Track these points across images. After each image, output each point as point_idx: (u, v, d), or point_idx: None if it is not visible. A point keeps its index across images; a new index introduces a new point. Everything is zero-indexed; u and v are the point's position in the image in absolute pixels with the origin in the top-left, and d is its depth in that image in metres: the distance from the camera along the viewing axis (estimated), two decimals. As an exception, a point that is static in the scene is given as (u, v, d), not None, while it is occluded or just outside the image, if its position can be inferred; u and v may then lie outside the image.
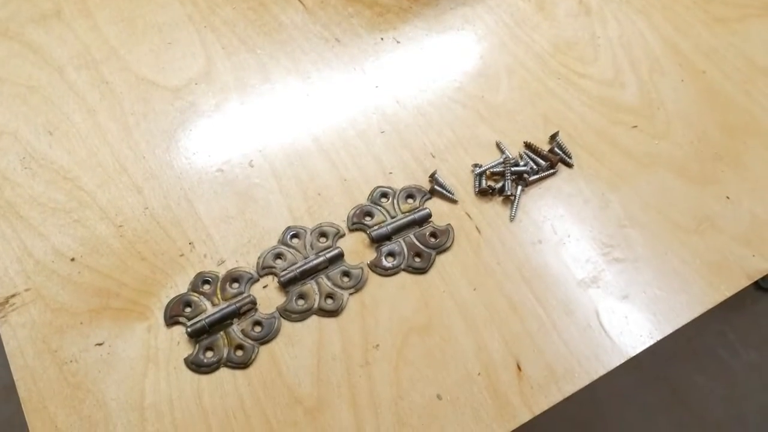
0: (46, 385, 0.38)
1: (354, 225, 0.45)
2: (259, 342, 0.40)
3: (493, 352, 0.40)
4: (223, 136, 0.49)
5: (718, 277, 0.43)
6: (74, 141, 0.48)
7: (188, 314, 0.41)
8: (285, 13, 0.56)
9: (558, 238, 0.45)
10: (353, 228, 0.44)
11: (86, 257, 0.43)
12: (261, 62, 0.53)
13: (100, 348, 0.40)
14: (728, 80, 0.52)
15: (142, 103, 0.50)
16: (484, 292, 0.42)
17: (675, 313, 0.42)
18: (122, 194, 0.45)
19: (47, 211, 0.44)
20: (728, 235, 0.45)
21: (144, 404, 0.38)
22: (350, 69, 0.53)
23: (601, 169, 0.48)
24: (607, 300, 0.42)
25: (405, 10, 0.56)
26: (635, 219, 0.46)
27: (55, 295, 0.41)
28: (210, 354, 0.39)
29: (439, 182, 0.46)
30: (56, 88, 0.50)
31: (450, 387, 0.39)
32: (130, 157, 0.47)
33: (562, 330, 0.41)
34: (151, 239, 0.44)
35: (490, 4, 0.57)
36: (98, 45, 0.53)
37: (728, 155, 0.49)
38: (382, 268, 0.43)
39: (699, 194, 0.47)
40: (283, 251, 0.43)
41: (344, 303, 0.41)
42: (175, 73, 0.52)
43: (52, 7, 0.55)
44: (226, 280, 0.42)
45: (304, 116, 0.50)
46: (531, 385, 0.39)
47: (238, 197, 0.46)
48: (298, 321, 0.41)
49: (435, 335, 0.41)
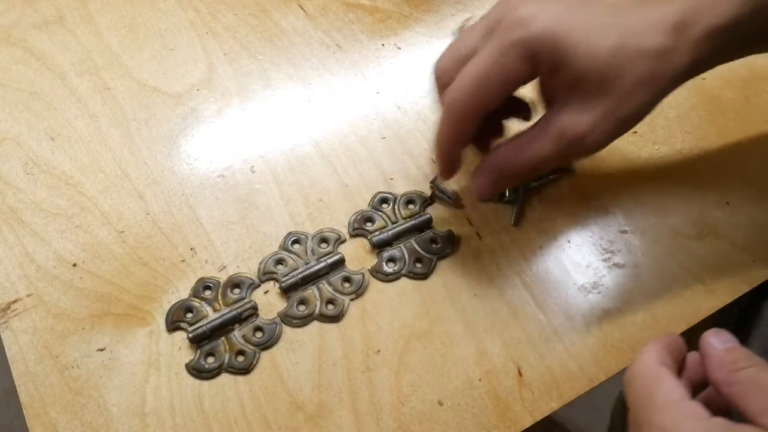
0: (47, 390, 0.38)
1: (355, 231, 0.45)
2: (261, 348, 0.40)
3: (494, 357, 0.40)
4: (225, 141, 0.49)
5: (719, 283, 0.43)
6: (76, 147, 0.48)
7: (189, 320, 0.41)
8: (286, 19, 0.56)
9: (558, 244, 0.45)
10: (354, 234, 0.45)
11: (88, 263, 0.43)
12: (262, 68, 0.53)
13: (101, 353, 0.40)
14: (728, 86, 0.53)
15: (143, 108, 0.50)
16: (485, 298, 0.42)
17: (675, 320, 0.42)
18: (124, 200, 0.46)
19: (49, 216, 0.45)
20: (728, 240, 0.45)
21: (145, 410, 0.38)
22: (351, 75, 0.53)
23: (602, 175, 0.48)
24: (607, 305, 0.42)
25: (406, 16, 0.57)
26: (636, 225, 0.46)
27: (56, 300, 0.41)
28: (211, 359, 0.40)
29: (440, 188, 0.46)
30: (58, 94, 0.51)
31: (451, 393, 0.39)
32: (132, 162, 0.47)
33: (562, 336, 0.41)
34: (152, 245, 0.44)
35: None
36: (100, 51, 0.53)
37: (728, 161, 0.49)
38: (382, 273, 0.43)
39: (699, 200, 0.47)
40: (285, 257, 0.43)
41: (345, 308, 0.42)
42: (176, 79, 0.52)
43: (55, 14, 0.55)
44: (228, 285, 0.42)
45: (306, 122, 0.50)
46: (532, 390, 0.39)
47: (239, 203, 0.46)
48: (299, 326, 0.41)
49: (436, 341, 0.41)
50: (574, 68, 0.35)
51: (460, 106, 0.37)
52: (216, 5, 0.56)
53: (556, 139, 0.37)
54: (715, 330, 0.31)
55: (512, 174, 0.39)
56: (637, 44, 0.35)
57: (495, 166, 0.39)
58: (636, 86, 0.35)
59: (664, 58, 0.35)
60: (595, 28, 0.35)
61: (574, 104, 0.36)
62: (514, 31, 0.35)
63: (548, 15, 0.35)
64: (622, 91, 0.35)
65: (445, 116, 0.38)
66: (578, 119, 0.36)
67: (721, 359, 0.30)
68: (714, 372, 0.30)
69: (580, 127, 0.36)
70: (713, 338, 0.31)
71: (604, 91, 0.35)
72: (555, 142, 0.37)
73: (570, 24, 0.35)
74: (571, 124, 0.36)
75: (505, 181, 0.40)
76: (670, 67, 0.36)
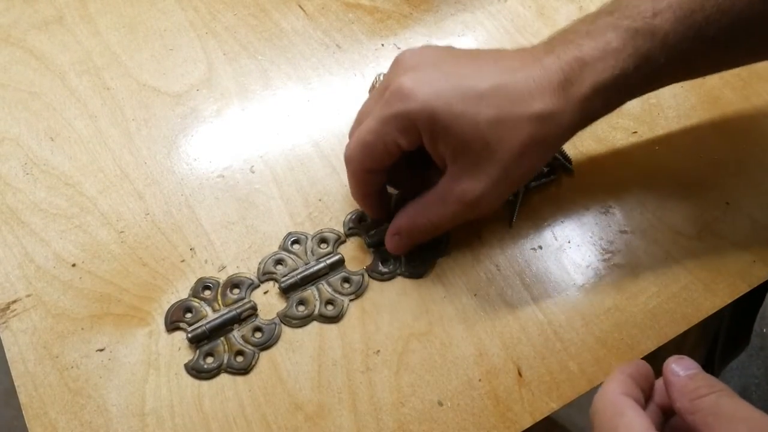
0: (47, 391, 0.38)
1: (350, 231, 0.45)
2: (260, 348, 0.40)
3: (494, 357, 0.40)
4: (225, 141, 0.49)
5: (719, 283, 0.43)
6: (76, 147, 0.48)
7: (189, 320, 0.41)
8: (286, 19, 0.56)
9: (558, 244, 0.45)
10: (349, 233, 0.45)
11: (87, 263, 0.43)
12: (262, 68, 0.53)
13: (101, 354, 0.40)
14: (728, 86, 0.53)
15: (143, 108, 0.50)
16: (485, 298, 0.42)
17: (675, 320, 0.42)
18: (123, 200, 0.46)
19: (49, 216, 0.45)
20: (728, 240, 0.45)
21: (145, 410, 0.38)
22: (351, 75, 0.53)
23: (602, 175, 0.48)
24: (607, 306, 0.42)
25: (406, 16, 0.57)
26: (636, 225, 0.46)
27: (56, 300, 0.41)
28: (210, 360, 0.39)
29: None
30: (58, 94, 0.50)
31: (451, 393, 0.39)
32: (132, 162, 0.47)
33: (562, 336, 0.41)
34: (152, 245, 0.44)
35: (490, 10, 0.57)
36: (100, 51, 0.53)
37: (728, 161, 0.49)
38: (378, 272, 0.43)
39: (699, 200, 0.47)
40: (284, 257, 0.43)
41: (345, 309, 0.41)
42: (176, 79, 0.52)
43: (54, 14, 0.55)
44: (227, 285, 0.42)
45: (305, 122, 0.50)
46: (532, 391, 0.39)
47: (239, 203, 0.46)
48: (299, 327, 0.41)
49: (435, 341, 0.41)
50: (456, 139, 0.36)
51: (353, 164, 0.40)
52: (216, 5, 0.56)
53: (456, 203, 0.39)
54: (677, 357, 0.31)
55: (420, 233, 0.41)
56: (518, 113, 0.36)
57: (404, 228, 0.41)
58: (521, 152, 0.36)
59: (549, 120, 0.36)
60: (475, 100, 0.36)
61: (466, 169, 0.38)
62: (393, 105, 0.37)
63: (427, 89, 0.36)
64: (507, 159, 0.36)
65: (347, 172, 0.41)
66: (474, 184, 0.37)
67: (682, 387, 0.30)
68: (677, 400, 0.30)
69: (476, 192, 0.38)
70: (675, 365, 0.31)
71: (490, 159, 0.37)
72: (455, 206, 0.39)
73: (448, 97, 0.36)
74: (469, 188, 0.38)
75: (414, 239, 0.42)
76: (555, 127, 0.37)
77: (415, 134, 0.37)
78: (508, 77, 0.37)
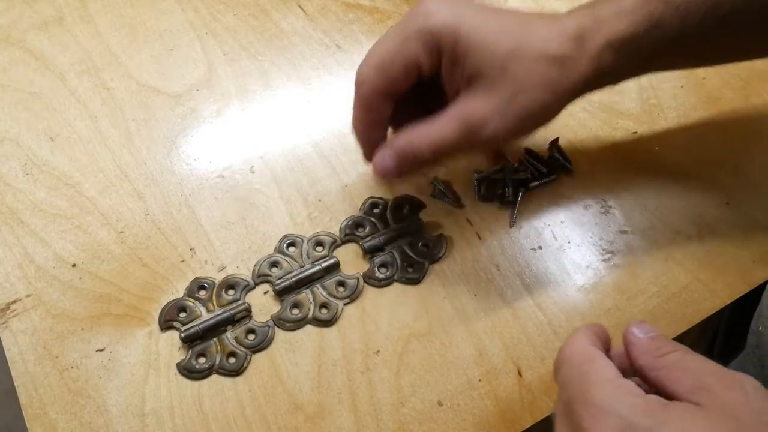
0: (46, 391, 0.38)
1: (346, 237, 0.44)
2: (252, 350, 0.40)
3: (494, 358, 0.40)
4: (224, 142, 0.49)
5: (719, 284, 0.43)
6: (76, 147, 0.48)
7: (183, 319, 0.41)
8: (286, 20, 0.56)
9: (558, 244, 0.45)
10: (345, 239, 0.44)
11: (87, 263, 0.43)
12: (262, 68, 0.53)
13: (101, 354, 0.40)
14: (728, 86, 0.53)
15: (143, 109, 0.50)
16: (485, 298, 0.42)
17: (675, 320, 0.42)
18: (123, 200, 0.46)
19: (49, 217, 0.45)
20: (728, 240, 0.45)
21: (145, 410, 0.38)
22: (351, 75, 0.52)
23: (602, 175, 0.48)
24: (607, 306, 0.42)
25: (405, 16, 0.57)
26: (636, 225, 0.46)
27: (56, 301, 0.41)
28: (202, 360, 0.39)
29: (440, 187, 0.46)
30: (58, 95, 0.51)
31: (451, 393, 0.39)
32: (131, 163, 0.47)
33: (562, 336, 0.41)
34: (152, 245, 0.44)
35: (490, 10, 0.57)
36: (100, 51, 0.53)
37: (728, 161, 0.49)
38: (375, 279, 0.43)
39: (699, 200, 0.47)
40: (279, 259, 0.43)
41: (339, 313, 0.41)
42: (176, 80, 0.52)
43: (54, 14, 0.55)
44: (222, 286, 0.42)
45: (305, 122, 0.50)
46: (532, 391, 0.39)
47: (239, 203, 0.46)
48: (292, 330, 0.41)
49: (435, 341, 0.41)
50: (474, 63, 0.37)
51: (366, 86, 0.39)
52: (216, 5, 0.56)
53: (460, 122, 0.37)
54: (637, 321, 0.32)
55: (415, 154, 0.38)
56: (535, 49, 0.37)
57: (398, 144, 0.39)
58: (534, 85, 0.37)
59: (563, 65, 0.37)
60: (496, 30, 0.37)
61: (477, 93, 0.37)
62: (418, 20, 0.37)
63: (452, 11, 0.37)
64: (520, 85, 0.37)
65: (355, 96, 0.40)
66: (483, 105, 0.37)
67: (646, 346, 0.31)
68: (639, 358, 0.30)
69: (486, 111, 0.37)
70: (636, 328, 0.32)
71: (504, 82, 0.37)
72: (459, 125, 0.37)
73: (471, 23, 0.37)
74: (476, 108, 0.37)
75: (408, 162, 0.39)
76: (568, 74, 0.37)
77: (435, 54, 0.37)
78: (529, 21, 0.38)
